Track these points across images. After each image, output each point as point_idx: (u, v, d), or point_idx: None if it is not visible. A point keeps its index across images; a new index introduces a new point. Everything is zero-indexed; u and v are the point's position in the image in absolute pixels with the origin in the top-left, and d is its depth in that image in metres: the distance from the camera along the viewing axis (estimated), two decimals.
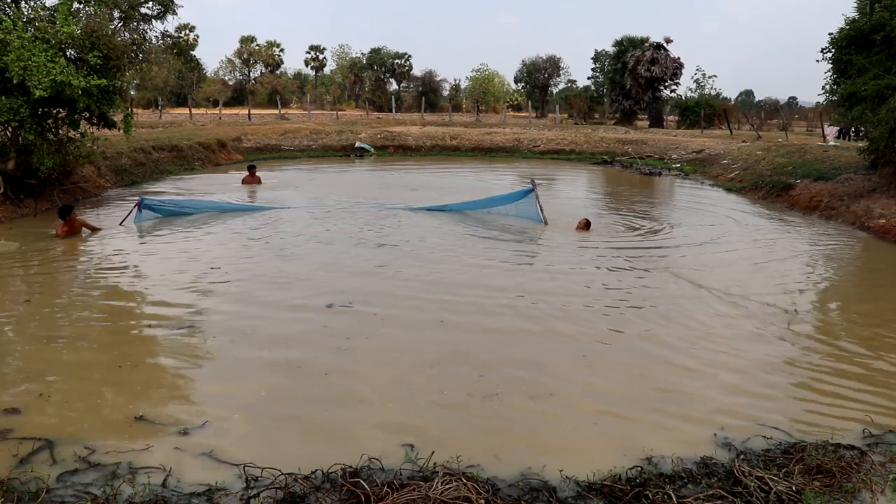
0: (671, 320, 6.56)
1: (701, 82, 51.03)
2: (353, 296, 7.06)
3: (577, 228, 10.81)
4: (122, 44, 11.75)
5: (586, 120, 44.74)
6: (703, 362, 5.54)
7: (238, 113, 43.44)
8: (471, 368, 5.29)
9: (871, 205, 12.24)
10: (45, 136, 11.72)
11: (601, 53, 56.11)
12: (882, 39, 12.54)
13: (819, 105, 26.54)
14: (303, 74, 76.23)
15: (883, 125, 12.22)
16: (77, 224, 9.94)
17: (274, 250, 9.25)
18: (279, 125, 29.52)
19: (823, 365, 5.57)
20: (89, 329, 6.11)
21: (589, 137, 29.01)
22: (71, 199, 12.98)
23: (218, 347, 5.64)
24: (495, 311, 6.71)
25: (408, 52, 67.53)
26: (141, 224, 10.65)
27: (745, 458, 3.99)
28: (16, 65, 10.07)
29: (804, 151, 18.38)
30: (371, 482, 3.60)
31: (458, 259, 8.75)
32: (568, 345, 5.90)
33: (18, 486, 3.53)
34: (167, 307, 6.70)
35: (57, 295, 7.16)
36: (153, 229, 10.48)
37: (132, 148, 17.32)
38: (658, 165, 23.47)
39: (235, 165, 21.47)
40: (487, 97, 61.38)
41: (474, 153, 27.49)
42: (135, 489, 3.52)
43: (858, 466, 3.88)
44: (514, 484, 3.70)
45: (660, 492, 3.56)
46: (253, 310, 6.63)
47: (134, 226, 10.54)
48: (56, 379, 4.97)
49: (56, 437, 4.06)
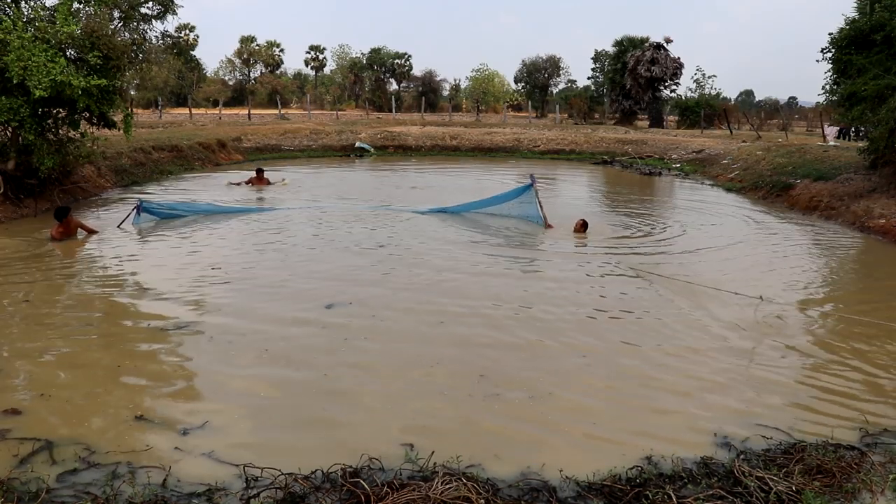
0: (668, 321, 6.55)
1: (701, 82, 51.10)
2: (352, 297, 7.06)
3: (574, 230, 10.72)
4: (122, 44, 11.75)
5: (586, 120, 44.73)
6: (703, 362, 5.54)
7: (238, 113, 43.44)
8: (471, 369, 5.29)
9: (871, 205, 12.24)
10: (45, 136, 11.72)
11: (601, 53, 56.15)
12: (882, 39, 12.54)
13: (819, 105, 26.55)
14: (303, 74, 76.25)
15: (883, 125, 12.22)
16: (73, 226, 9.86)
17: (274, 251, 9.24)
18: (279, 125, 29.52)
19: (823, 365, 5.57)
20: (89, 329, 6.11)
21: (589, 137, 29.01)
22: (71, 200, 12.99)
23: (218, 348, 5.64)
24: (494, 314, 6.70)
25: (408, 52, 67.62)
26: (139, 226, 10.60)
27: (745, 458, 3.99)
28: (16, 65, 10.07)
29: (804, 151, 18.38)
30: (371, 482, 3.60)
31: (458, 263, 8.71)
32: (568, 345, 5.89)
33: (18, 486, 3.53)
34: (167, 307, 6.70)
35: (56, 295, 7.16)
36: (152, 231, 10.46)
37: (132, 148, 17.32)
38: (658, 165, 23.47)
39: (235, 166, 21.50)
40: (487, 97, 61.34)
41: (474, 153, 27.49)
42: (135, 489, 3.52)
43: (858, 466, 3.88)
44: (514, 484, 3.70)
45: (660, 492, 3.56)
46: (253, 310, 6.63)
47: (132, 228, 10.49)
48: (56, 379, 4.97)
49: (56, 437, 4.06)
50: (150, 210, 11.09)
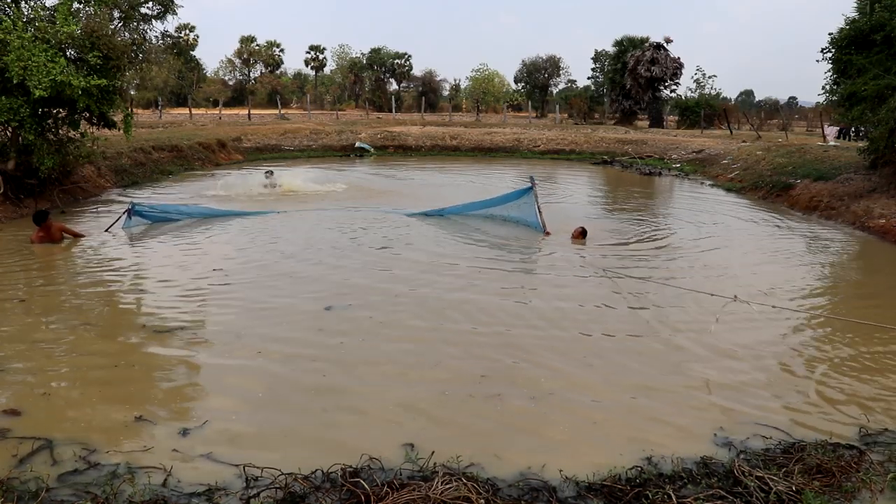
0: (668, 322, 6.56)
1: (701, 82, 51.16)
2: (351, 298, 7.05)
3: (572, 238, 10.34)
4: (122, 44, 11.75)
5: (586, 120, 44.73)
6: (703, 363, 5.54)
7: (238, 113, 43.46)
8: (472, 369, 5.28)
9: (871, 205, 12.24)
10: (45, 136, 11.72)
11: (601, 53, 56.19)
12: (882, 39, 12.54)
13: (819, 105, 26.55)
14: (303, 74, 76.20)
15: (883, 125, 12.23)
16: (55, 230, 9.41)
17: (272, 253, 9.21)
18: (279, 125, 29.53)
19: (823, 365, 5.57)
20: (88, 329, 6.10)
21: (589, 137, 29.01)
22: (70, 200, 12.99)
23: (217, 348, 5.64)
24: (495, 316, 6.71)
25: (408, 52, 67.65)
26: (130, 230, 10.29)
27: (745, 457, 3.99)
28: (16, 65, 10.08)
29: (804, 151, 18.38)
30: (371, 482, 3.60)
31: (458, 265, 8.67)
32: (569, 346, 5.89)
33: (18, 486, 3.53)
34: (167, 308, 6.70)
35: (55, 295, 7.16)
36: (145, 234, 10.20)
37: (132, 148, 17.33)
38: (658, 165, 23.47)
39: (235, 166, 21.49)
40: (487, 97, 61.36)
41: (474, 153, 27.50)
42: (135, 489, 3.52)
43: (858, 466, 3.88)
44: (514, 484, 3.70)
45: (660, 492, 3.56)
46: (252, 311, 6.63)
47: (122, 232, 10.20)
48: (55, 379, 4.97)
49: (56, 437, 4.06)
50: (142, 213, 10.80)
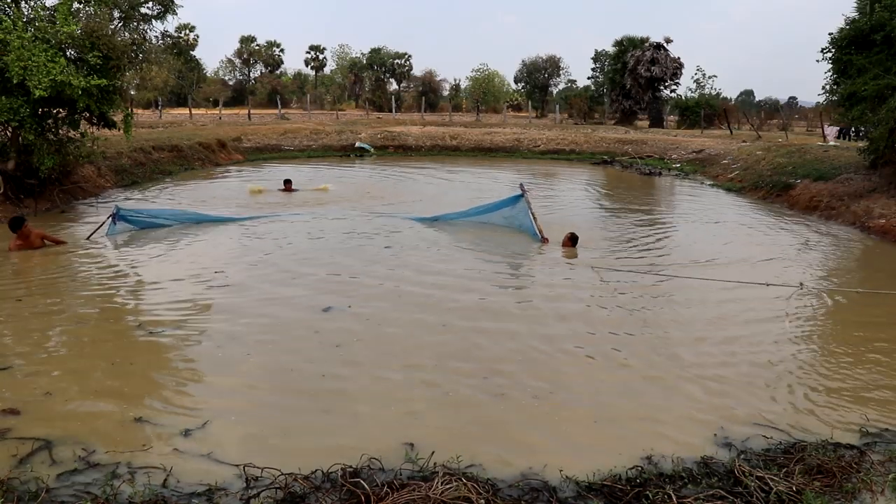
0: (669, 325, 6.56)
1: (701, 82, 51.22)
2: (350, 300, 7.04)
3: (563, 245, 9.80)
4: (122, 44, 11.74)
5: (586, 120, 44.71)
6: (703, 363, 5.54)
7: (238, 113, 43.46)
8: (473, 370, 5.29)
9: (871, 205, 12.24)
10: (45, 136, 11.71)
11: (601, 53, 56.24)
12: (882, 39, 12.54)
13: (819, 105, 26.54)
14: (303, 74, 76.16)
15: (883, 125, 12.23)
16: (34, 237, 9.03)
17: (270, 256, 9.18)
18: (279, 125, 29.54)
19: (823, 365, 5.57)
20: (87, 330, 6.11)
21: (589, 137, 29.01)
22: (70, 200, 12.98)
23: (217, 349, 5.64)
24: (496, 317, 6.74)
25: (408, 52, 67.72)
26: (114, 237, 9.90)
27: (745, 457, 3.99)
28: (16, 65, 10.08)
29: (804, 151, 18.37)
30: (371, 482, 3.60)
31: (459, 266, 8.67)
32: (569, 347, 5.89)
33: (18, 486, 3.53)
34: (167, 309, 6.71)
35: (53, 296, 7.15)
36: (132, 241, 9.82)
37: (132, 148, 17.32)
38: (658, 165, 23.46)
39: (235, 166, 21.48)
40: (487, 97, 61.37)
41: (474, 153, 27.49)
42: (135, 489, 3.52)
43: (858, 466, 3.88)
44: (515, 484, 3.69)
45: (660, 492, 3.56)
46: (251, 312, 6.63)
47: (107, 239, 9.77)
48: (55, 379, 4.97)
49: (56, 437, 4.06)
50: (127, 218, 10.29)
